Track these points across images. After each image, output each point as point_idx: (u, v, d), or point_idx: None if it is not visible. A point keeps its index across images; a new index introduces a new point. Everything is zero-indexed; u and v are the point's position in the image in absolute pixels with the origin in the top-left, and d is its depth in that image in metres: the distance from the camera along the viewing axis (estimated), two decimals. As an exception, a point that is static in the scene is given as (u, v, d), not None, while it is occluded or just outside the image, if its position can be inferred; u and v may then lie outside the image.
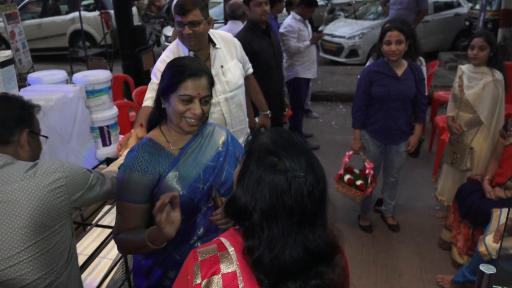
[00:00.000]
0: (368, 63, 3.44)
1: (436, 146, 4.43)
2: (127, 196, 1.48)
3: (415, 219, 3.62)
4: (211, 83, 1.53)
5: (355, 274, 2.96)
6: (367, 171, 3.19)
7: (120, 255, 2.05)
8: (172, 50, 2.35)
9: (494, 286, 0.94)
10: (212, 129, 1.65)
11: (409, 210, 3.75)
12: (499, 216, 2.66)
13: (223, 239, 1.09)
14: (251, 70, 2.69)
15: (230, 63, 2.39)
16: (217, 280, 1.02)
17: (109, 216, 2.36)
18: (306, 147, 1.08)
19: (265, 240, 1.00)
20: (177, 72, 1.48)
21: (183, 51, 2.30)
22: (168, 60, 2.26)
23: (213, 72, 2.28)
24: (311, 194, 1.00)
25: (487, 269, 0.99)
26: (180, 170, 1.50)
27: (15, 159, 1.36)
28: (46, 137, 1.55)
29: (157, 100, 1.56)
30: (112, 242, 2.13)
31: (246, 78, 2.63)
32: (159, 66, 2.29)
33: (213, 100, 2.37)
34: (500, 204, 2.77)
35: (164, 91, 1.50)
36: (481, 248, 2.54)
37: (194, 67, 1.48)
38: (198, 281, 1.02)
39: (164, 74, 1.53)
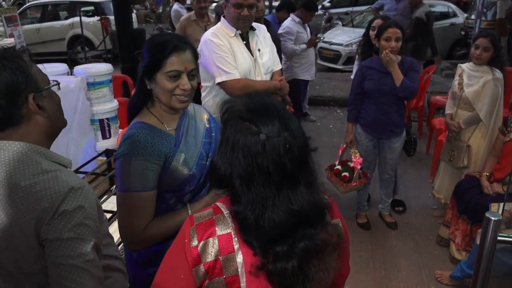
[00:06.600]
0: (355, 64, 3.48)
1: (433, 149, 4.46)
2: (136, 186, 1.38)
3: (413, 218, 3.63)
4: (196, 56, 1.47)
5: (353, 269, 2.91)
6: (351, 165, 3.21)
7: (120, 240, 2.03)
8: (218, 30, 2.44)
9: (499, 234, 0.94)
10: (193, 109, 1.63)
11: (407, 209, 3.75)
12: (497, 210, 2.67)
13: (219, 204, 1.11)
14: (279, 66, 2.73)
15: (265, 48, 2.58)
16: (213, 241, 1.03)
17: (109, 205, 2.36)
18: (280, 108, 1.07)
19: (246, 205, 1.01)
20: (160, 49, 1.39)
21: (231, 31, 2.43)
22: (216, 40, 2.36)
23: (253, 54, 2.51)
24: (289, 152, 1.00)
25: (492, 215, 0.99)
26: (185, 151, 1.49)
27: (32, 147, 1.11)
28: (58, 83, 1.23)
29: (140, 82, 1.47)
30: (112, 228, 2.10)
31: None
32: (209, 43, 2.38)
33: None
34: (498, 199, 2.77)
35: (148, 70, 1.42)
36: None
37: (177, 41, 1.41)
38: (195, 243, 1.04)
39: (145, 53, 1.43)
